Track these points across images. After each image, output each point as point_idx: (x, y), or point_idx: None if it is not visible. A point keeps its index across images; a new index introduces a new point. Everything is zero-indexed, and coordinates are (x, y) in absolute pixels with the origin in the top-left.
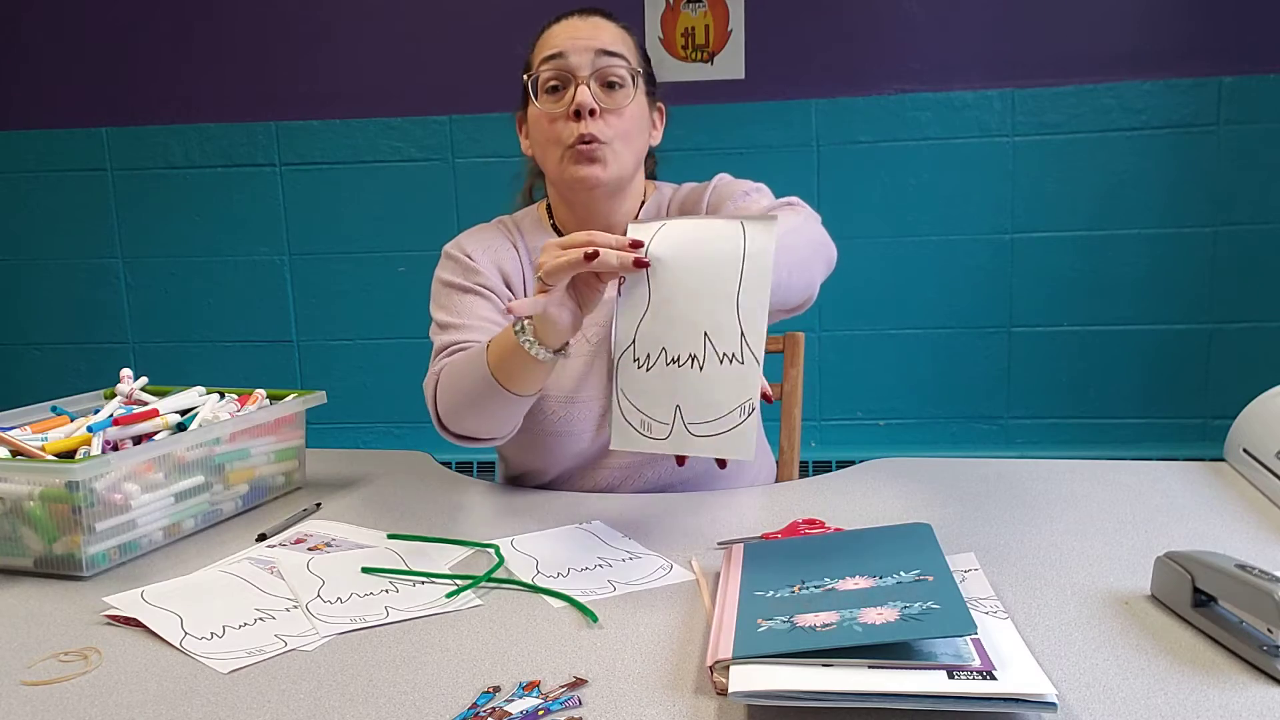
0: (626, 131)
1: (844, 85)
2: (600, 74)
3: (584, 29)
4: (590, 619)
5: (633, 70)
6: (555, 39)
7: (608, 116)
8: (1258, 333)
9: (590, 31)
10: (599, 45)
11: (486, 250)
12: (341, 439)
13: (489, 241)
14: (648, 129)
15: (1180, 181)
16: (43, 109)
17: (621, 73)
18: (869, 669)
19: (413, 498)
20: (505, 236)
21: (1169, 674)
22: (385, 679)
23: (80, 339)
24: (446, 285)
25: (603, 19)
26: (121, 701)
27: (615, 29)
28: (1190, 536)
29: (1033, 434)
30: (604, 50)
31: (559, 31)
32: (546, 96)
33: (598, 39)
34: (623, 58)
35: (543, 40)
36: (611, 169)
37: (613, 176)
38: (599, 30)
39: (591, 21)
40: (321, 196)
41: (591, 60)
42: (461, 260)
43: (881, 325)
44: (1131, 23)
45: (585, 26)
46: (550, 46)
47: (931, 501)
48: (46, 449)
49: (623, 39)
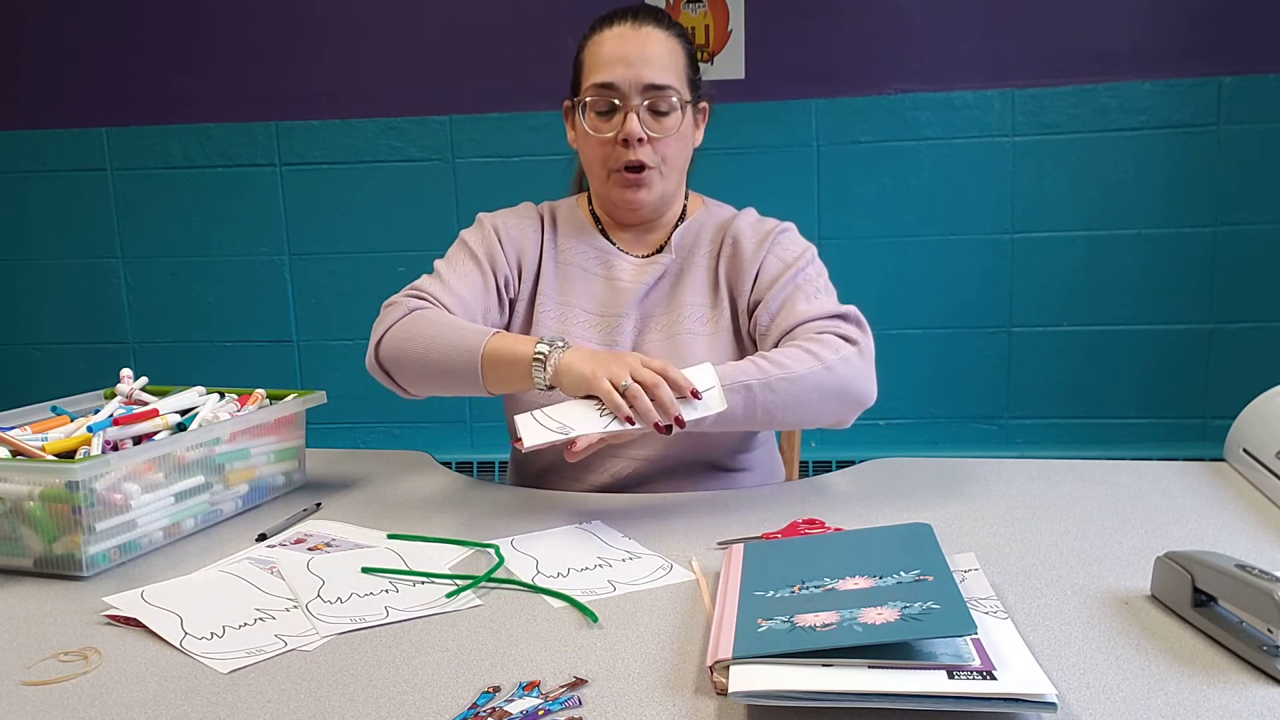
0: (673, 154)
1: (844, 85)
2: (650, 103)
3: (634, 47)
4: (590, 619)
5: (682, 100)
6: (606, 59)
7: (654, 142)
8: (1258, 333)
9: (641, 51)
10: (648, 80)
11: (512, 232)
12: (341, 439)
13: (520, 225)
14: (691, 142)
15: (1180, 181)
16: (43, 109)
17: (671, 100)
18: (869, 669)
19: (413, 498)
20: (536, 222)
21: (1169, 674)
22: (385, 679)
23: (80, 339)
24: (462, 243)
25: (653, 27)
26: (121, 701)
27: (665, 41)
28: (1190, 536)
29: (1033, 434)
30: (653, 85)
31: (610, 49)
32: (595, 117)
33: (648, 66)
34: (671, 88)
35: (593, 51)
36: (656, 191)
37: (657, 198)
38: (649, 48)
39: (643, 34)
40: (321, 196)
41: (641, 92)
42: (487, 231)
43: (881, 325)
44: (1131, 23)
45: (636, 43)
46: (601, 68)
47: (931, 501)
48: (46, 449)
49: (672, 54)
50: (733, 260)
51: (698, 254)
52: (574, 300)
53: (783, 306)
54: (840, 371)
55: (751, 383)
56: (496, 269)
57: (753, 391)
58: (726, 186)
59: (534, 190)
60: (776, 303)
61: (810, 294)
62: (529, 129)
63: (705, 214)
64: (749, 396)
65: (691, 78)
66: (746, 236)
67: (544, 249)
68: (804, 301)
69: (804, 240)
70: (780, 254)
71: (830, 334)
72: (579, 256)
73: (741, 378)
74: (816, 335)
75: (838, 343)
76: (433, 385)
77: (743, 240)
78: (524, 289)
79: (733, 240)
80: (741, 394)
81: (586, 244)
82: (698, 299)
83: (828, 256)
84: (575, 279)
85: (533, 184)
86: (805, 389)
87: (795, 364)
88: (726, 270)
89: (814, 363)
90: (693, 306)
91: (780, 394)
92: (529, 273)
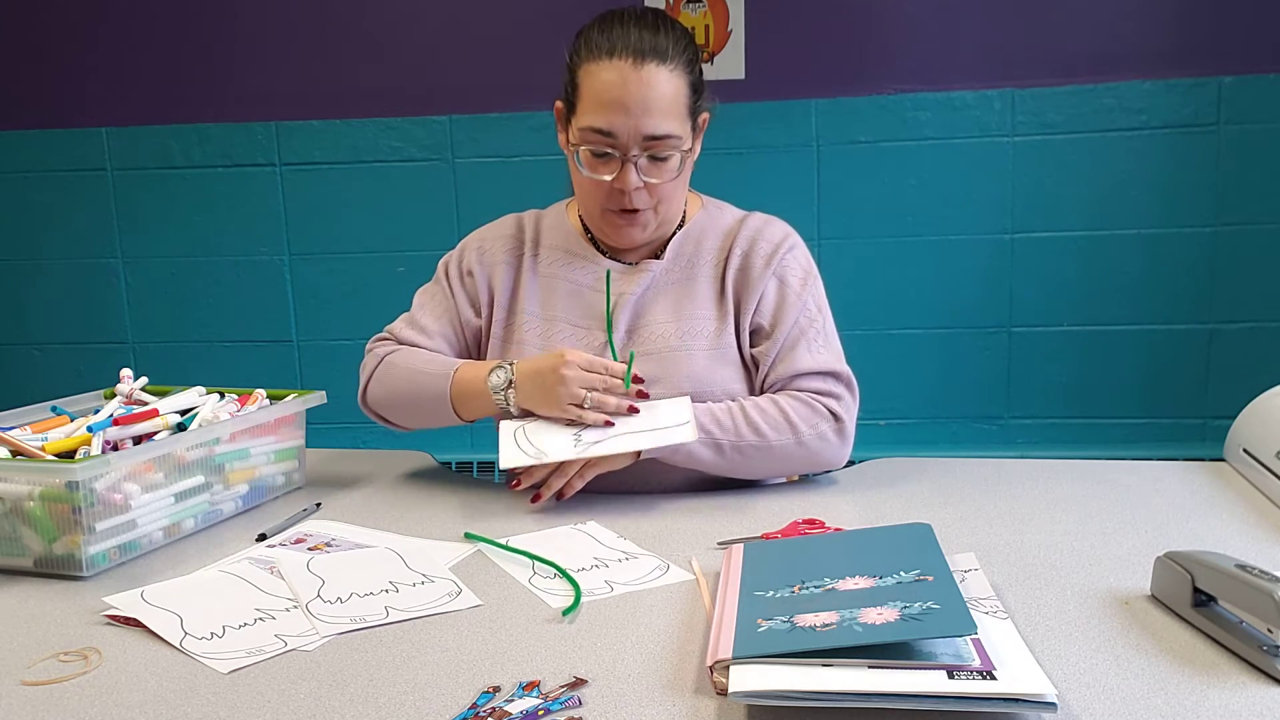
0: (670, 194)
1: (844, 85)
2: (650, 151)
3: (635, 93)
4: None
5: (682, 149)
6: (604, 101)
7: (652, 187)
8: (1258, 333)
9: (642, 99)
10: (649, 131)
11: (485, 257)
12: (341, 439)
13: (494, 246)
14: (690, 173)
15: (1180, 181)
16: (43, 109)
17: (671, 148)
18: (869, 669)
19: (413, 498)
20: (514, 239)
21: (1169, 674)
22: (385, 679)
23: (80, 339)
24: (441, 277)
25: (656, 66)
26: (121, 701)
27: (668, 81)
28: (1190, 536)
29: (1033, 434)
30: (653, 136)
31: (609, 90)
32: (592, 157)
33: (649, 116)
34: (673, 137)
35: (590, 83)
36: (650, 229)
37: (650, 235)
38: (650, 93)
39: (644, 77)
40: (321, 196)
41: (640, 143)
42: (460, 265)
43: (881, 325)
44: (1132, 23)
45: (637, 87)
46: (598, 109)
47: (931, 501)
48: (46, 449)
49: (675, 95)
50: (740, 273)
51: (701, 262)
52: (558, 314)
53: (782, 353)
54: (812, 448)
55: (724, 443)
56: (463, 309)
57: (723, 449)
58: (726, 186)
59: (534, 190)
60: (778, 347)
61: (812, 341)
62: (529, 129)
63: (705, 218)
64: (718, 452)
65: (694, 106)
66: (755, 249)
67: (522, 266)
68: (806, 353)
69: (808, 259)
70: (786, 278)
71: (820, 401)
72: (563, 269)
73: (716, 434)
74: (806, 398)
75: (822, 415)
76: (419, 422)
77: (751, 253)
78: (499, 312)
79: (741, 251)
80: (712, 450)
81: (572, 255)
82: (703, 312)
83: (828, 256)
84: (559, 292)
85: (533, 184)
86: (774, 458)
87: (771, 431)
88: (734, 281)
89: (789, 435)
90: (698, 320)
91: (749, 458)
92: (504, 294)
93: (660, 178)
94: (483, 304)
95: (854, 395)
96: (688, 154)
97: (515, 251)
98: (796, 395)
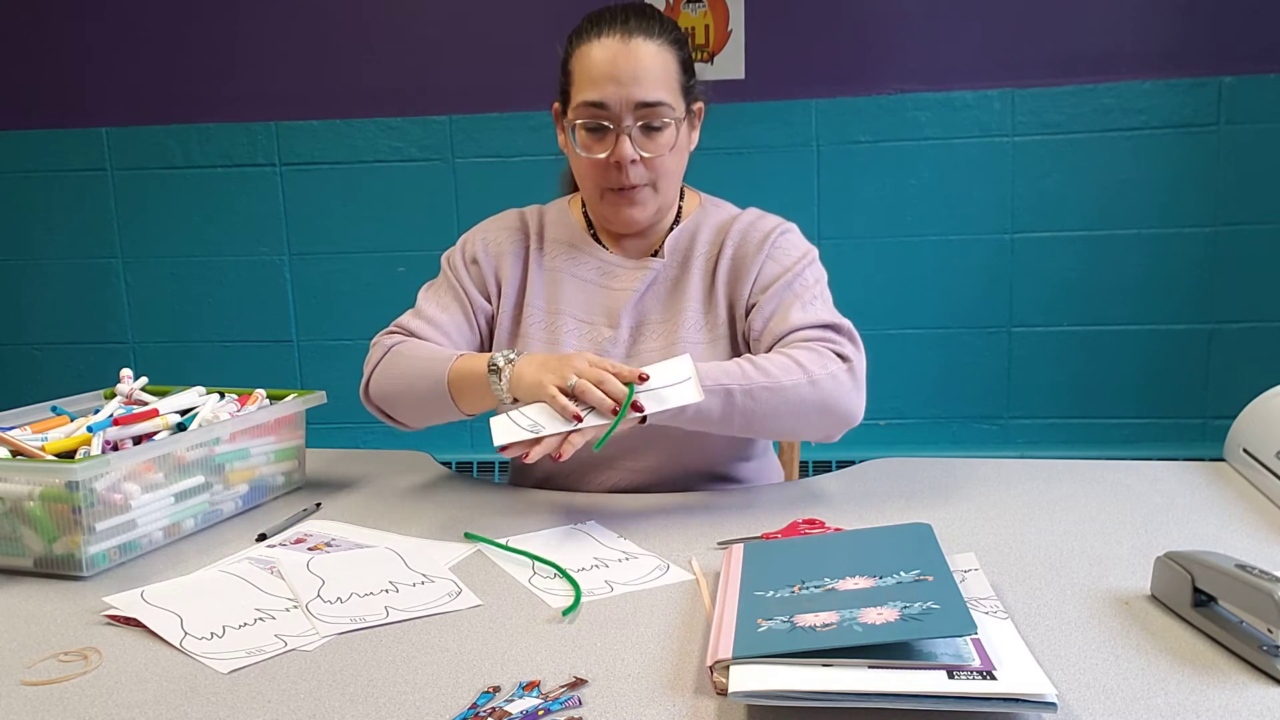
0: (667, 169)
1: (844, 85)
2: (643, 120)
3: (624, 63)
4: (568, 609)
5: (675, 116)
6: (595, 76)
7: (648, 161)
8: (1258, 333)
9: (631, 68)
10: (640, 98)
11: (490, 249)
12: (341, 439)
13: (499, 238)
14: (687, 149)
15: (1180, 181)
16: (43, 109)
17: (664, 116)
18: (869, 669)
19: (413, 498)
20: (519, 232)
21: (1169, 674)
22: (385, 679)
23: (80, 339)
24: (442, 272)
25: (643, 39)
26: (121, 701)
27: (656, 53)
28: (1190, 536)
29: (1033, 434)
30: (645, 103)
31: (599, 64)
32: (587, 135)
33: (639, 84)
34: (664, 104)
35: (581, 63)
36: (650, 207)
37: (650, 215)
38: (640, 63)
39: (632, 48)
40: (321, 196)
41: (633, 111)
42: (462, 256)
43: (881, 325)
44: (1132, 23)
45: (626, 58)
46: (590, 84)
47: (931, 501)
48: (46, 449)
49: (664, 65)
50: (732, 265)
51: (694, 258)
52: (563, 308)
53: (776, 312)
54: (826, 387)
55: (733, 387)
56: (472, 295)
57: (733, 396)
58: (726, 186)
59: (534, 190)
60: (770, 307)
61: (806, 301)
62: (529, 129)
63: (702, 215)
64: (728, 401)
65: (685, 84)
66: (747, 240)
67: (529, 258)
68: (799, 309)
69: (805, 243)
70: (779, 257)
71: (822, 346)
72: (568, 263)
73: (724, 380)
74: (808, 345)
75: (829, 357)
76: (422, 416)
77: (742, 244)
78: (506, 303)
79: (733, 245)
80: (721, 397)
81: (576, 249)
82: (693, 305)
83: (828, 256)
84: (564, 285)
85: (533, 184)
86: (788, 401)
87: (781, 374)
88: (726, 275)
89: (800, 375)
90: (689, 313)
91: (761, 403)
92: (511, 285)
93: (655, 150)
94: (491, 292)
95: (858, 345)
96: (682, 127)
97: (522, 244)
98: (796, 346)
